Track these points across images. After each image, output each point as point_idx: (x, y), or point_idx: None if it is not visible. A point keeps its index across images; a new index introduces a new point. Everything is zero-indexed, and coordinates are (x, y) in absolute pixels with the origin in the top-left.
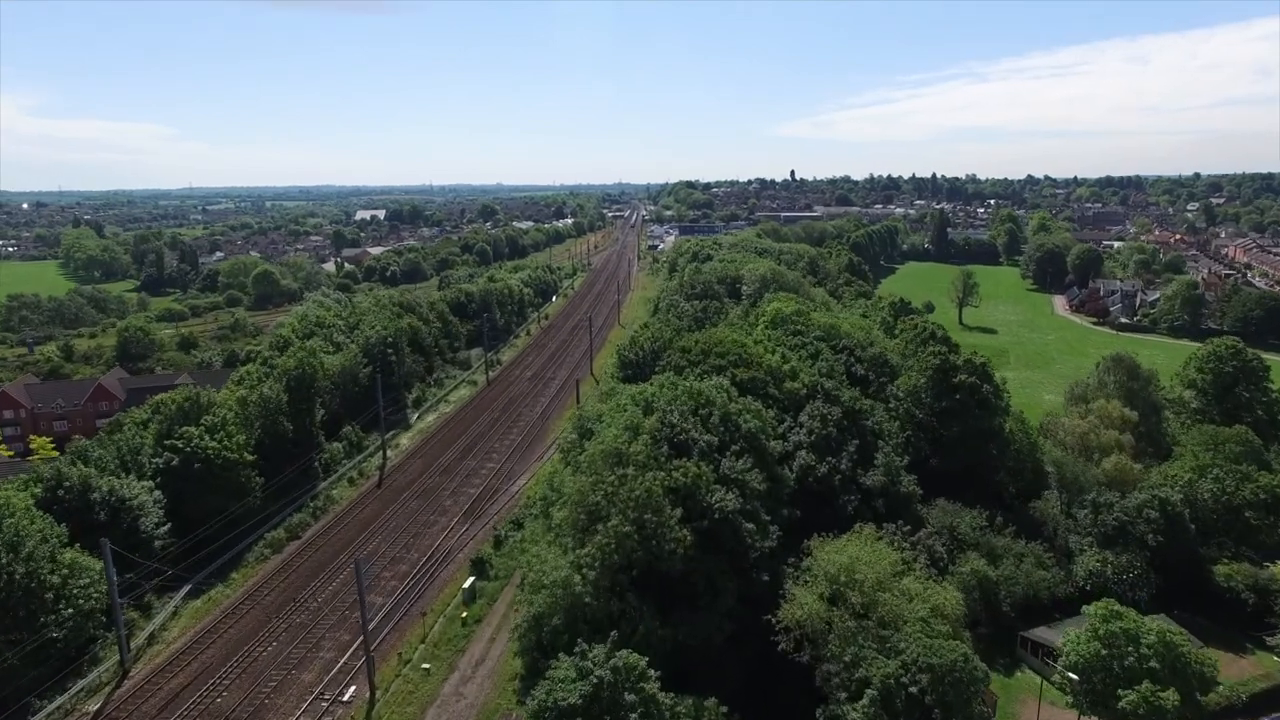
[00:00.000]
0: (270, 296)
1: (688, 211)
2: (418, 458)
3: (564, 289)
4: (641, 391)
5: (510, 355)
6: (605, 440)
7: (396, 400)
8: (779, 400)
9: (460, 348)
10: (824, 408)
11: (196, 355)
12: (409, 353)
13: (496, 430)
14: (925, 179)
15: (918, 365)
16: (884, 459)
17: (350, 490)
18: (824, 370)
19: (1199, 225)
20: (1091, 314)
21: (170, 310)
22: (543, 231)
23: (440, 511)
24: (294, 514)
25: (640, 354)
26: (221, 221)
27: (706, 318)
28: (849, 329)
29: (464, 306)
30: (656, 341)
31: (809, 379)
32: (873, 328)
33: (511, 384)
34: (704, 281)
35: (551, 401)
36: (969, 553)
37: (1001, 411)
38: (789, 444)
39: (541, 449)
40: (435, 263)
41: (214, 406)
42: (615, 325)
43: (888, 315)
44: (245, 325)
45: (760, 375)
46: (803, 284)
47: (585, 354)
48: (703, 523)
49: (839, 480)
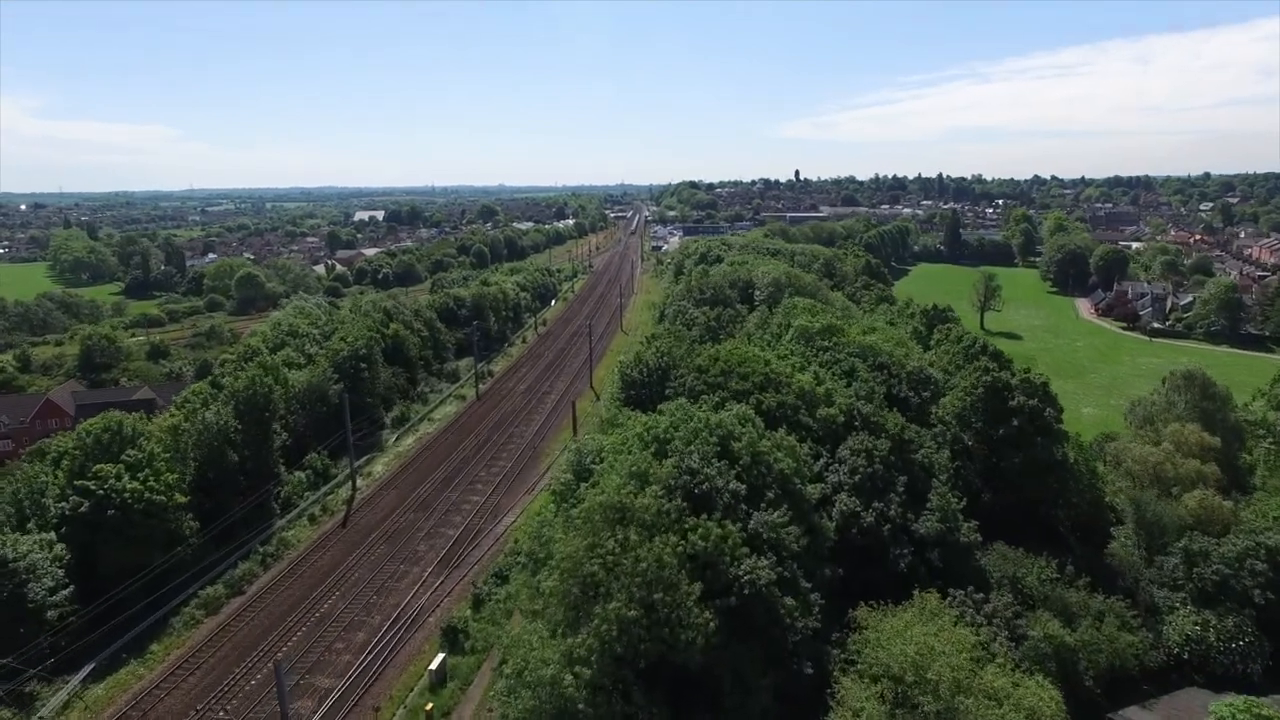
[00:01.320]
0: (254, 300)
1: (691, 212)
2: (392, 489)
3: (563, 292)
4: (651, 425)
5: (503, 365)
6: (606, 491)
7: (373, 419)
8: (812, 430)
9: (449, 358)
10: (868, 440)
11: (165, 365)
12: (388, 365)
13: (483, 455)
14: (931, 179)
15: (964, 383)
16: (938, 500)
17: (310, 530)
18: (862, 392)
19: (1216, 225)
20: (1120, 318)
21: (145, 315)
22: (542, 232)
23: (412, 559)
24: (239, 564)
25: (647, 373)
26: (219, 223)
27: (720, 327)
28: (883, 343)
29: (454, 313)
30: (666, 358)
31: (845, 402)
32: (905, 338)
33: (503, 399)
34: (714, 285)
35: (546, 420)
36: (1039, 611)
37: (1063, 438)
38: (826, 485)
39: (533, 478)
40: (430, 265)
41: (140, 438)
42: (618, 331)
43: (919, 324)
44: (221, 332)
45: (791, 400)
46: (820, 287)
47: (585, 364)
48: (729, 599)
49: (888, 530)
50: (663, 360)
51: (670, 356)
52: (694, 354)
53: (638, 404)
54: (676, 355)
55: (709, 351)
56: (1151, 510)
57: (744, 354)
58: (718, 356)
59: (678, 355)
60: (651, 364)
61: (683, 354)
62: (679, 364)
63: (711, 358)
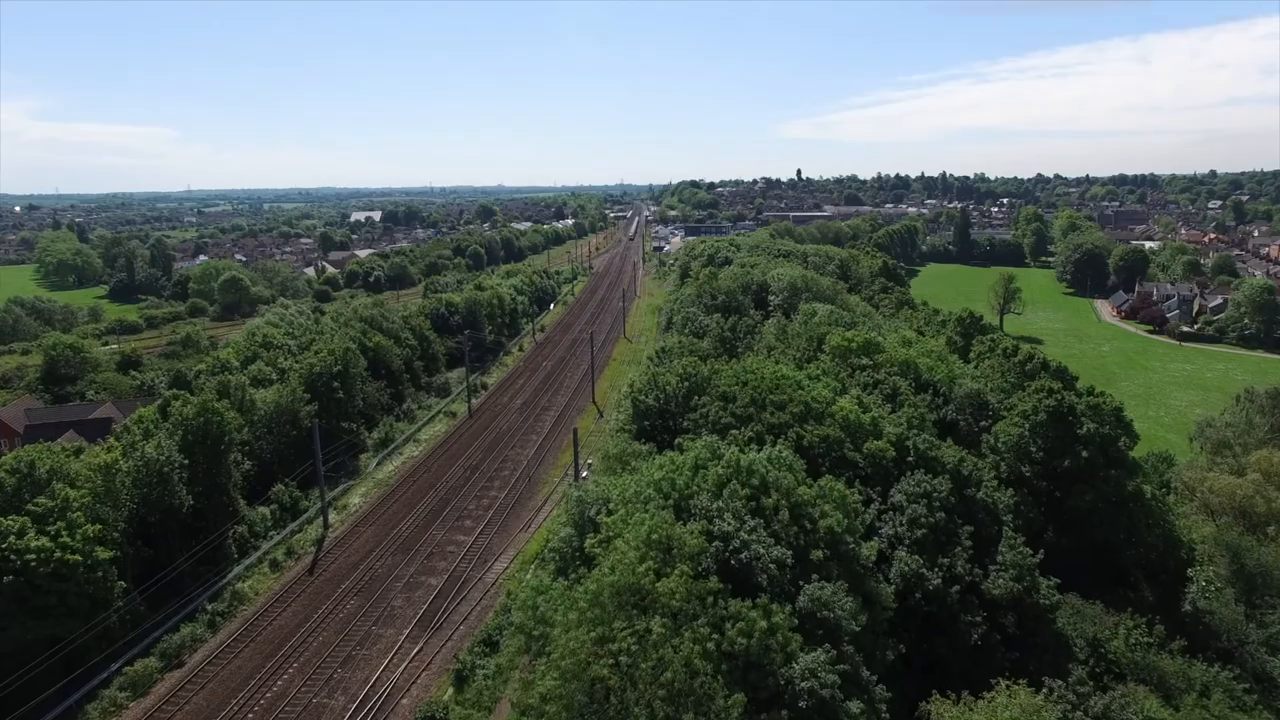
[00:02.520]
0: (238, 305)
1: (693, 211)
2: (370, 525)
3: (563, 295)
4: (671, 473)
5: (498, 376)
6: (618, 565)
7: (353, 443)
8: (859, 469)
9: (440, 369)
10: (926, 481)
11: (136, 377)
12: (371, 380)
13: (474, 484)
14: (934, 177)
15: (1023, 407)
16: (1011, 554)
17: (271, 580)
18: (912, 420)
19: (1228, 224)
20: (1145, 321)
21: (121, 321)
22: (541, 233)
23: (386, 618)
24: (181, 627)
25: (664, 400)
26: (214, 224)
27: (736, 338)
28: (922, 358)
29: (445, 320)
30: (686, 381)
31: (894, 432)
32: (945, 352)
33: (498, 415)
34: (726, 290)
35: (544, 441)
36: (1130, 684)
37: (1139, 470)
38: (881, 538)
39: (528, 514)
40: (424, 267)
41: (54, 482)
42: (620, 338)
43: (954, 333)
44: (198, 340)
45: (834, 434)
46: (838, 291)
47: (586, 375)
48: (780, 713)
49: (957, 593)
50: (683, 385)
51: (692, 380)
52: (718, 376)
53: (651, 437)
54: (700, 378)
55: (731, 370)
56: (1254, 558)
57: (774, 376)
58: (745, 380)
59: (701, 378)
60: (670, 390)
61: (705, 377)
62: (701, 389)
63: (735, 380)
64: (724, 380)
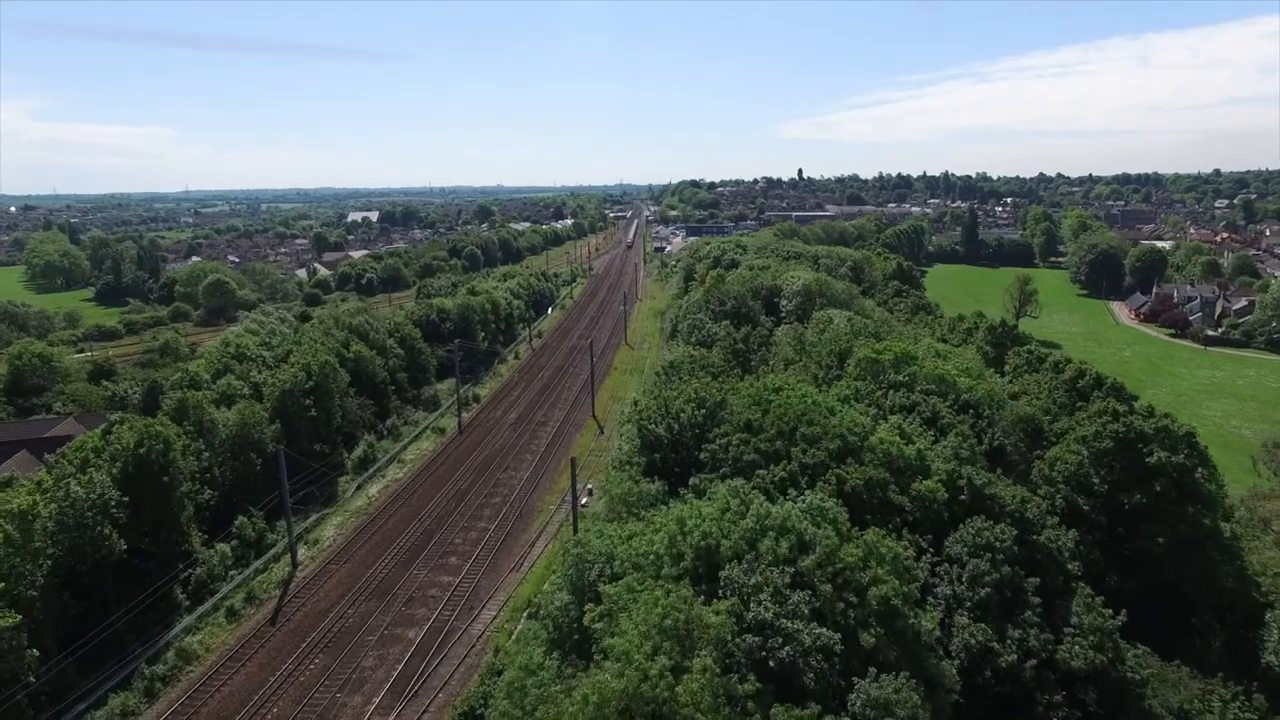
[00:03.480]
0: (224, 309)
1: (693, 211)
2: (344, 562)
3: (561, 299)
4: (689, 529)
5: (492, 387)
6: (625, 668)
7: (330, 463)
8: (906, 513)
9: (429, 380)
10: (987, 529)
11: (109, 388)
12: (353, 395)
13: (461, 513)
14: (936, 177)
15: (1082, 432)
16: (1089, 616)
17: (226, 632)
18: (961, 452)
19: (1238, 223)
20: (1167, 325)
21: (99, 327)
22: (540, 233)
23: (355, 681)
24: (111, 696)
25: (674, 430)
26: (211, 225)
27: (749, 350)
28: (959, 374)
29: (436, 326)
30: (701, 410)
31: (944, 468)
32: (981, 365)
33: (490, 431)
34: (735, 295)
35: (540, 462)
36: None
37: (1216, 503)
38: (937, 599)
39: (521, 549)
40: (418, 269)
41: None
42: (621, 344)
43: (983, 342)
44: (177, 347)
45: (878, 475)
46: (854, 296)
47: (586, 386)
48: None
49: (1032, 670)
50: (697, 413)
51: (707, 405)
52: (733, 391)
53: (662, 473)
54: (713, 402)
55: (749, 389)
56: None
57: (802, 401)
58: (767, 405)
59: (714, 402)
60: (683, 418)
61: (719, 402)
62: (717, 417)
63: (755, 402)
64: (742, 403)
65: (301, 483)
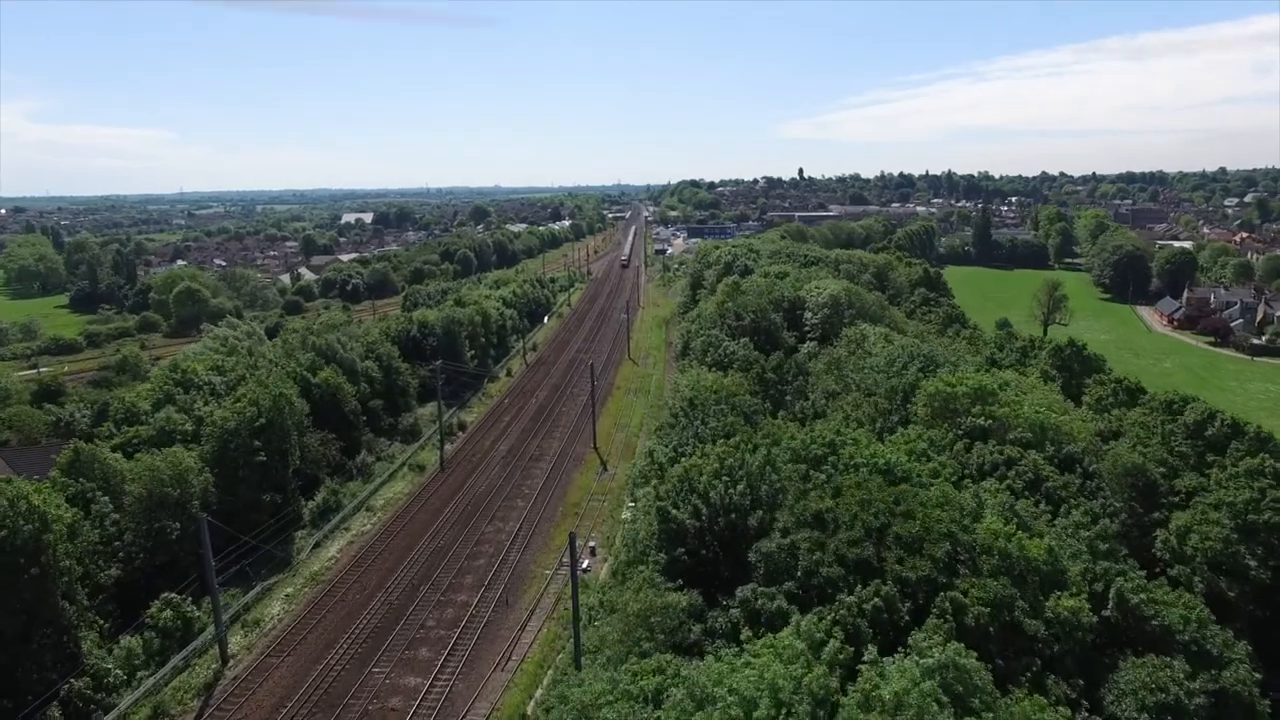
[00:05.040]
0: (197, 319)
1: (694, 212)
2: (288, 654)
3: (558, 306)
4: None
5: (481, 412)
6: None
7: (284, 516)
8: (1041, 646)
9: (410, 405)
10: (1163, 672)
11: (53, 412)
12: (314, 429)
13: (438, 579)
14: (938, 176)
15: (1224, 497)
16: None
17: None
18: (1096, 543)
19: (1254, 222)
20: (1205, 332)
21: (57, 340)
22: (536, 235)
23: None
24: None
25: (705, 517)
26: (202, 227)
27: (783, 381)
28: (1047, 413)
29: (418, 343)
30: (736, 482)
31: (1079, 568)
32: (1062, 401)
33: (476, 467)
34: (755, 308)
35: (533, 508)
36: None
37: None
38: None
39: (508, 634)
40: (408, 274)
41: None
42: (624, 359)
43: (1046, 365)
44: (136, 364)
45: (1001, 588)
46: (886, 309)
47: (585, 409)
48: None
49: None
50: (732, 491)
51: (743, 476)
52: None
53: (692, 578)
54: (752, 470)
55: (797, 445)
56: None
57: (881, 467)
58: (838, 487)
59: (753, 469)
60: (716, 497)
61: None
62: (761, 490)
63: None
64: (789, 471)
65: (243, 547)
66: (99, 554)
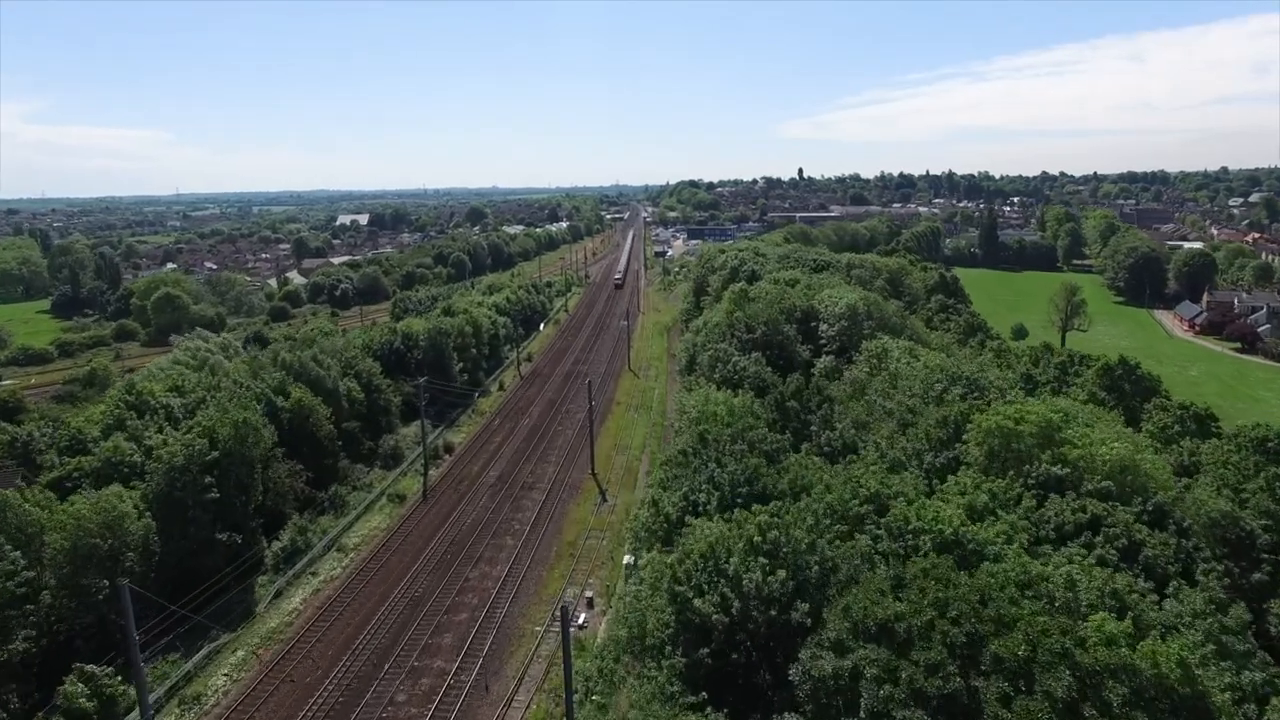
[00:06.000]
0: (177, 326)
1: (693, 213)
2: None
3: (555, 312)
4: None
5: (470, 431)
6: None
7: (242, 559)
8: None
9: (393, 425)
10: None
11: (8, 431)
12: (283, 458)
13: (413, 639)
14: (939, 176)
15: None
16: None
17: None
18: (1232, 642)
19: (1263, 222)
20: (1231, 338)
21: (26, 350)
22: (533, 237)
23: None
24: None
25: (736, 612)
26: (196, 229)
27: (805, 409)
28: (1127, 453)
29: (403, 356)
30: (780, 565)
31: (1220, 682)
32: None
33: (463, 497)
34: (766, 319)
35: (524, 548)
36: None
37: None
38: None
39: (494, 709)
40: (399, 278)
41: None
42: (624, 370)
43: (1095, 386)
44: (105, 377)
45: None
46: (906, 319)
47: (583, 430)
48: None
49: None
50: (772, 580)
51: (790, 557)
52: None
53: (716, 684)
54: (798, 551)
55: (835, 500)
56: None
57: (942, 539)
58: (900, 578)
59: (799, 549)
60: (751, 586)
61: (811, 540)
62: (807, 575)
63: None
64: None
65: (196, 597)
66: (8, 621)
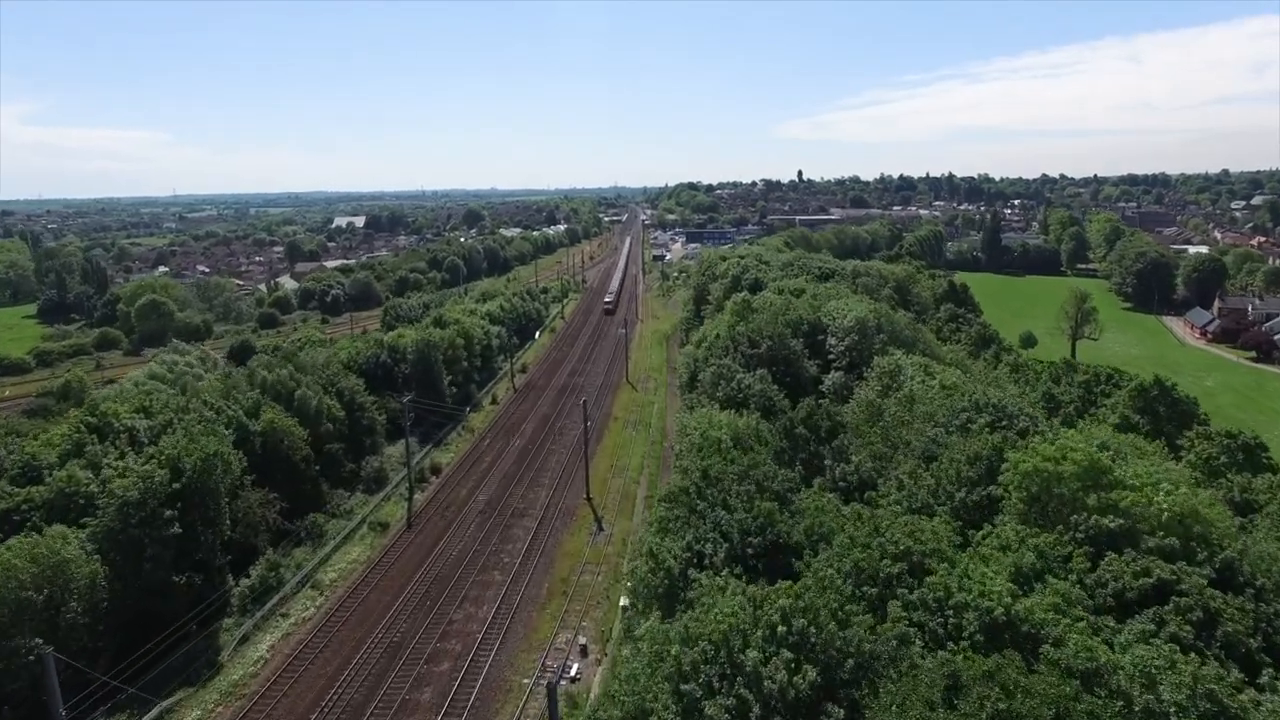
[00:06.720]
0: (162, 334)
1: (692, 215)
2: None
3: (551, 320)
4: None
5: (459, 450)
6: None
7: (213, 599)
8: None
9: (378, 445)
10: None
11: None
12: (253, 487)
13: (388, 696)
14: (939, 178)
15: None
16: None
17: None
18: None
19: (1266, 225)
20: (1245, 346)
21: (2, 360)
22: (530, 240)
23: None
24: None
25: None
26: (191, 230)
27: (819, 439)
28: (1186, 503)
29: (389, 370)
30: (808, 659)
31: None
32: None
33: (450, 524)
34: (771, 332)
35: (513, 583)
36: None
37: None
38: None
39: None
40: (393, 283)
41: None
42: (622, 382)
43: (1127, 409)
44: (81, 390)
45: None
46: (918, 331)
47: (578, 449)
48: None
49: None
50: (802, 680)
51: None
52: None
53: None
54: (828, 645)
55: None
56: None
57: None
58: (956, 675)
59: (831, 644)
60: (773, 689)
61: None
62: (838, 674)
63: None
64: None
65: (147, 652)
66: None
